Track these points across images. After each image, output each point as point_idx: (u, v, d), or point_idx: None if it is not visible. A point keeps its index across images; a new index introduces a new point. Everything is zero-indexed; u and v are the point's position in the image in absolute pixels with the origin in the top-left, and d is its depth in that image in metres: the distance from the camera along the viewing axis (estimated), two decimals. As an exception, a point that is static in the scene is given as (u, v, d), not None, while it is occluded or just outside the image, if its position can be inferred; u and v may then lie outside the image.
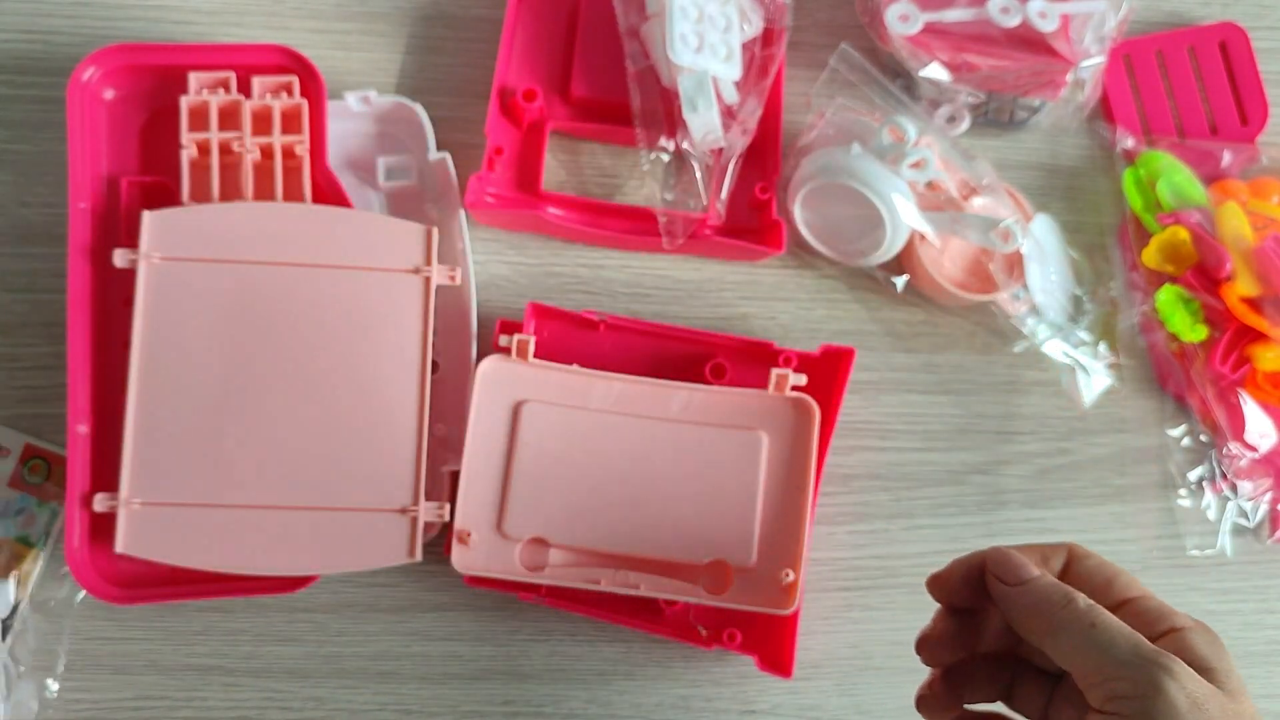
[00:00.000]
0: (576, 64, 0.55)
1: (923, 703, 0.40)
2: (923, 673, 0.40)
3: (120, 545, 0.47)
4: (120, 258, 0.48)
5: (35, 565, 0.50)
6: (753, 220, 0.55)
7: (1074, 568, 0.38)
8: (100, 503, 0.47)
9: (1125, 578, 0.38)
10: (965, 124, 0.58)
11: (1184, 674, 0.32)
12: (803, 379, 0.51)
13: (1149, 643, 0.34)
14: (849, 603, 0.54)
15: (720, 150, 0.54)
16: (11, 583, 0.49)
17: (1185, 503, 0.55)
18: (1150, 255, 0.55)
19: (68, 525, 0.48)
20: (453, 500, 0.49)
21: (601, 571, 0.50)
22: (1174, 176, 0.55)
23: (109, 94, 0.52)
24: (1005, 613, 0.37)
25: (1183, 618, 0.36)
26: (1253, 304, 0.52)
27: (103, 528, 0.48)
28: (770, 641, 0.51)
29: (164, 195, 0.51)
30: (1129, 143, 0.58)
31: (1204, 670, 0.34)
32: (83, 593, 0.50)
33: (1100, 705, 0.33)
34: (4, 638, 0.49)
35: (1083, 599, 0.35)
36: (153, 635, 0.51)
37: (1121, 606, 0.36)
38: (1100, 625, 0.34)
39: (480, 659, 0.52)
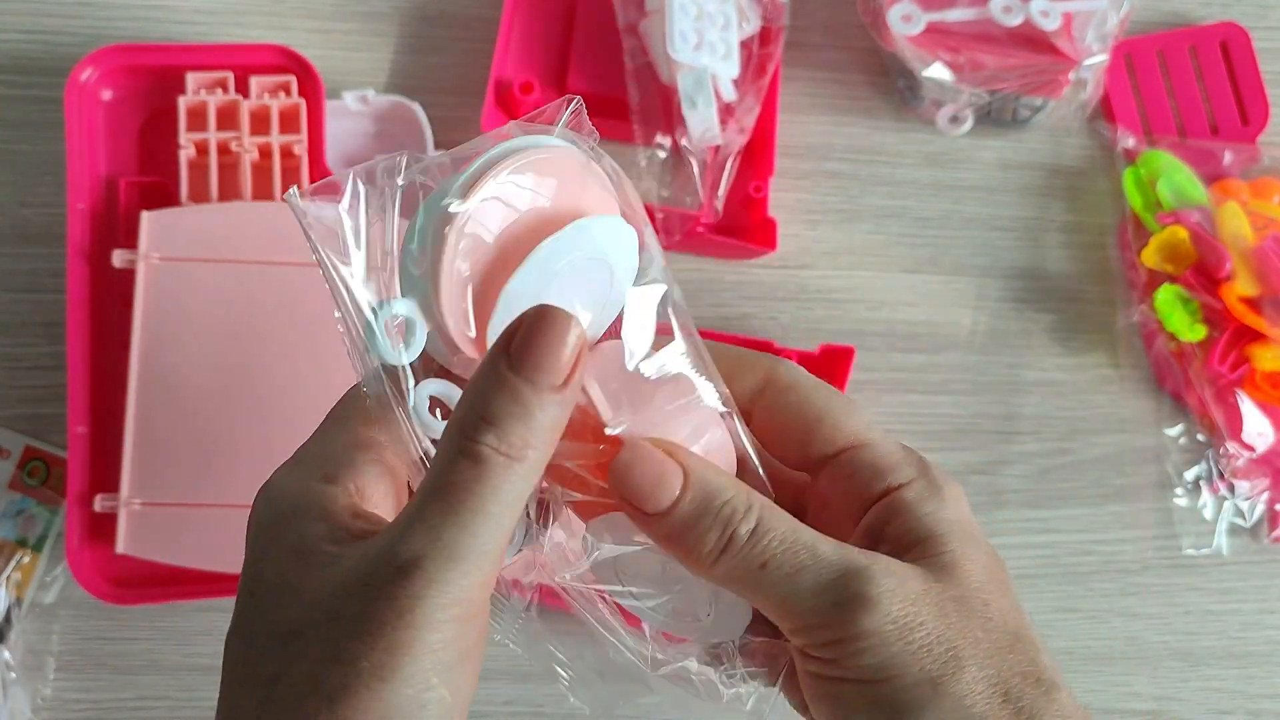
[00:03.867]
0: (573, 58, 0.55)
1: None
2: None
3: (120, 545, 0.47)
4: (119, 258, 0.48)
5: (34, 568, 0.50)
6: (746, 218, 0.55)
7: (770, 403, 0.30)
8: (100, 503, 0.47)
9: (833, 418, 0.29)
10: (968, 124, 0.58)
11: (883, 594, 0.26)
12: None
13: (835, 557, 0.27)
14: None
15: (717, 148, 0.54)
16: (1, 588, 0.49)
17: (1182, 502, 0.55)
18: (1150, 255, 0.55)
19: (68, 526, 0.48)
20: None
21: (601, 570, 0.50)
22: (1174, 176, 0.55)
23: (107, 94, 0.52)
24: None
25: (904, 466, 0.29)
26: (1252, 304, 0.52)
27: (103, 528, 0.48)
28: (769, 641, 0.51)
29: (162, 195, 0.51)
30: (1130, 142, 0.58)
31: (915, 543, 0.28)
32: (77, 593, 0.50)
33: (806, 649, 0.27)
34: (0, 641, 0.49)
35: (744, 523, 0.27)
36: (153, 635, 0.51)
37: (831, 461, 0.29)
38: (772, 562, 0.26)
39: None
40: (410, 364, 0.27)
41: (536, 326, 0.25)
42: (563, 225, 0.26)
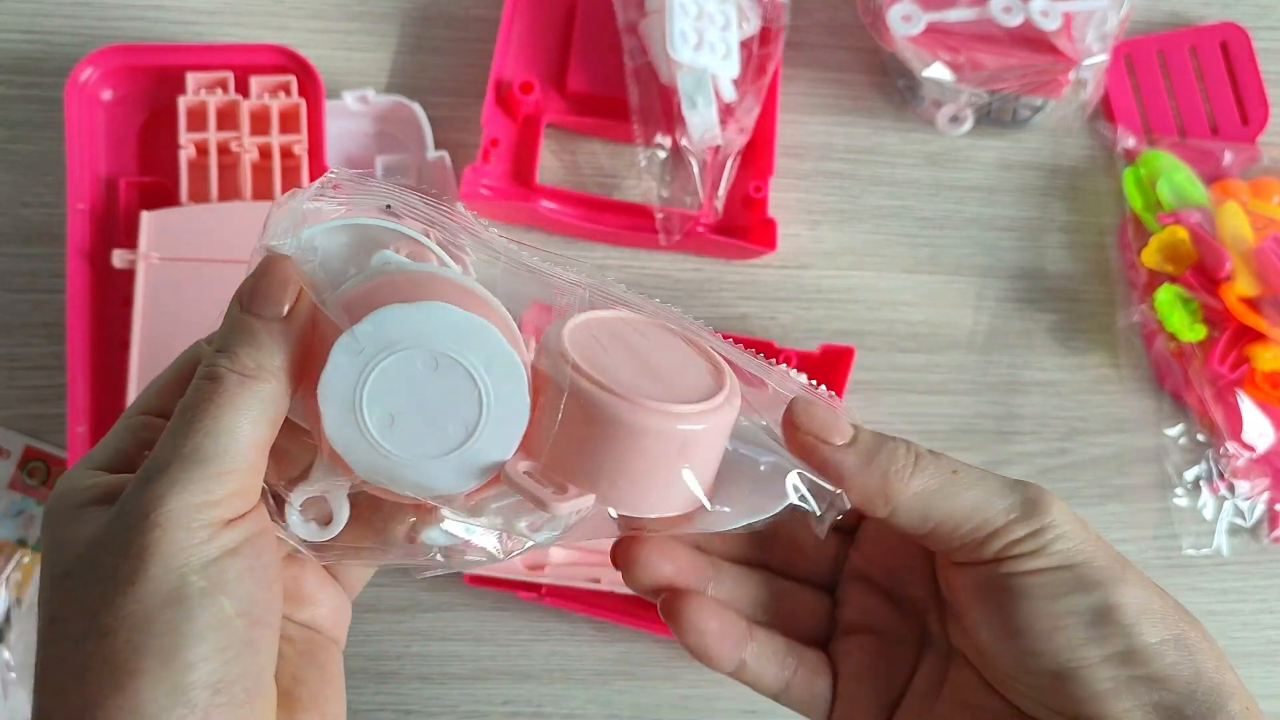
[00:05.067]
0: (573, 58, 0.55)
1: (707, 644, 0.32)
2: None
3: (120, 545, 0.47)
4: (119, 258, 0.48)
5: (35, 568, 0.50)
6: (746, 218, 0.55)
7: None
8: (100, 503, 0.47)
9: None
10: (968, 124, 0.58)
11: (1053, 493, 0.30)
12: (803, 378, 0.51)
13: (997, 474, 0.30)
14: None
15: (717, 148, 0.54)
16: (1, 588, 0.49)
17: (1182, 502, 0.55)
18: (1150, 255, 0.55)
19: (67, 525, 0.48)
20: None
21: (602, 570, 0.50)
22: (1174, 176, 0.55)
23: (107, 94, 0.52)
24: (834, 482, 0.30)
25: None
26: (1252, 304, 0.52)
27: (102, 528, 0.48)
28: (769, 641, 0.51)
29: (162, 195, 0.51)
30: (1130, 142, 0.58)
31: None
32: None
33: (992, 557, 0.29)
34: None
35: (916, 445, 0.30)
36: (153, 635, 0.51)
37: None
38: (961, 469, 0.30)
39: (480, 659, 0.52)
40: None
41: (259, 271, 0.28)
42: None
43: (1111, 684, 0.28)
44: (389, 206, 0.29)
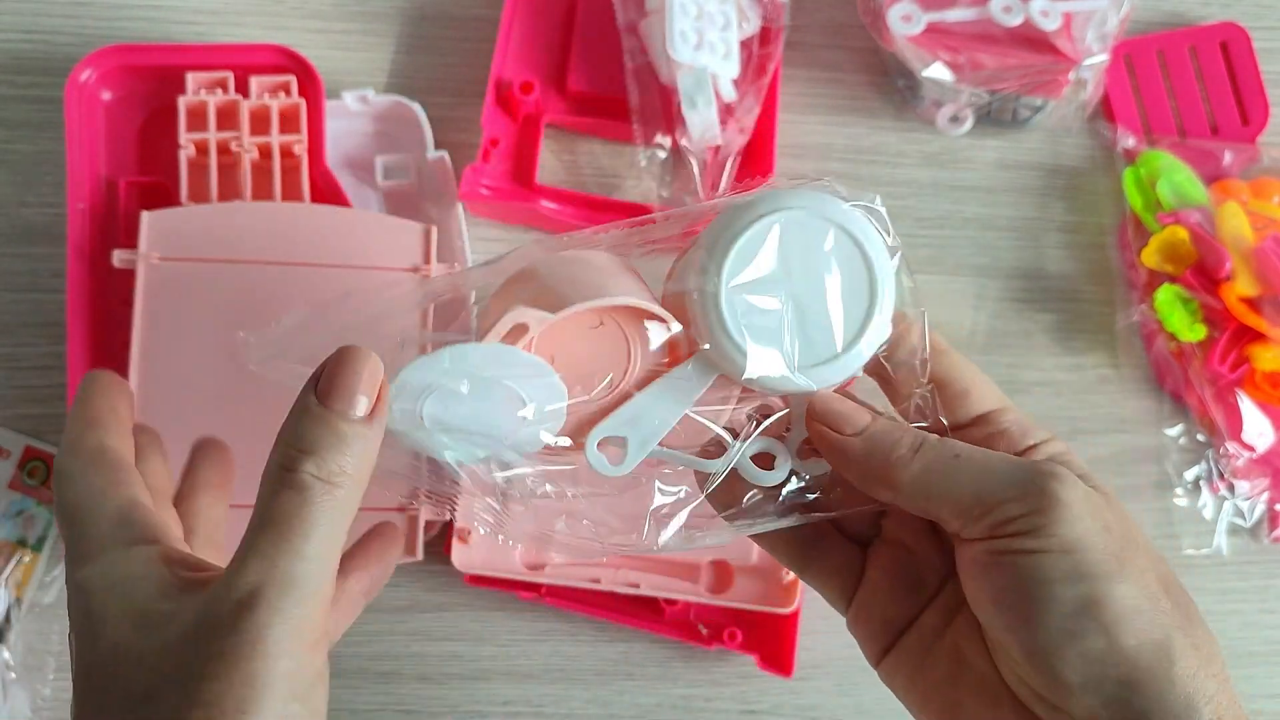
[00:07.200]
0: (573, 58, 0.55)
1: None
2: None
3: (120, 545, 0.47)
4: (119, 258, 0.48)
5: (34, 567, 0.50)
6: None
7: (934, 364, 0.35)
8: (100, 503, 0.47)
9: (981, 388, 0.34)
10: (968, 124, 0.58)
11: (1071, 477, 0.30)
12: None
13: (1014, 457, 0.31)
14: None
15: (717, 148, 0.54)
16: (1, 588, 0.49)
17: (1182, 502, 0.55)
18: (1150, 255, 0.55)
19: (67, 525, 0.48)
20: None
21: (602, 570, 0.50)
22: (1174, 176, 0.55)
23: (107, 95, 0.52)
24: (840, 468, 0.32)
25: (1042, 432, 0.33)
26: (1252, 304, 0.52)
27: (102, 528, 0.48)
28: (770, 640, 0.51)
29: (162, 196, 0.51)
30: (1130, 142, 0.58)
31: (1080, 476, 0.32)
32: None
33: (986, 534, 0.30)
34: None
35: (933, 436, 0.31)
36: (153, 635, 0.51)
37: (976, 422, 0.34)
38: (965, 453, 0.31)
39: (480, 659, 0.52)
40: None
41: (339, 362, 0.27)
42: None
43: (1081, 678, 0.29)
44: None
